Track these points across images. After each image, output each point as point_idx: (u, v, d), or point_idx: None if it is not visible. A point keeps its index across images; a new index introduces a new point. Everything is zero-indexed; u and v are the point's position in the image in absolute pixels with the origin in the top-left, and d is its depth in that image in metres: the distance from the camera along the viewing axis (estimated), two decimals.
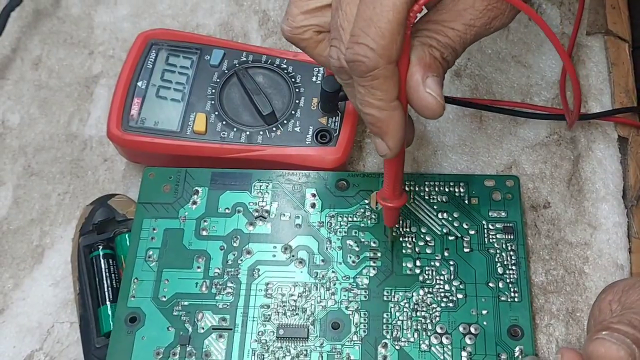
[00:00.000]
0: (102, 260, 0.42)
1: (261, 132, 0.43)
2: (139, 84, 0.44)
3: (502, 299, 0.38)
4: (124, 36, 0.51)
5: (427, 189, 0.42)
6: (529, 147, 0.46)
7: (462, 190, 0.41)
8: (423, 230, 0.40)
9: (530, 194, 0.44)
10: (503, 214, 0.41)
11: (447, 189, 0.42)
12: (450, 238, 0.40)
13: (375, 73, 0.28)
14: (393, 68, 0.28)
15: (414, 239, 0.40)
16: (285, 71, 0.45)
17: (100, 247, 0.42)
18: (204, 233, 0.40)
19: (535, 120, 0.46)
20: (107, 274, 0.41)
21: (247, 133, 0.43)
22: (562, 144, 0.45)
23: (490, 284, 0.39)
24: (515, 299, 0.38)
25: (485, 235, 0.40)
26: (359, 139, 0.46)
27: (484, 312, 0.38)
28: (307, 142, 0.43)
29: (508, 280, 0.39)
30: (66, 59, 0.51)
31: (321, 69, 0.45)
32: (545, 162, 0.45)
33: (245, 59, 0.45)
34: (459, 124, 0.47)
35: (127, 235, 0.42)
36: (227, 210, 0.41)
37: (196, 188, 0.42)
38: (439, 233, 0.40)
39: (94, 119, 0.48)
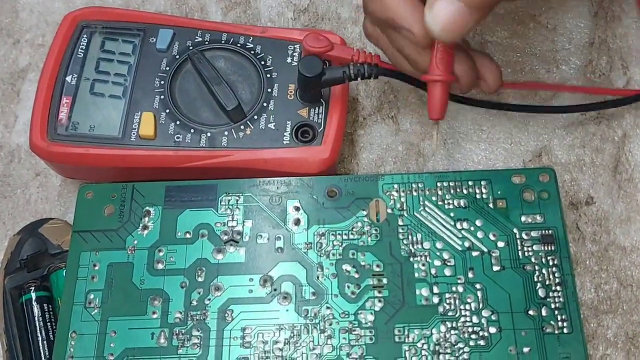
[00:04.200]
0: (34, 306, 0.33)
1: (226, 133, 0.34)
2: (68, 78, 0.35)
3: (548, 330, 0.30)
4: (56, 19, 0.42)
5: (439, 192, 0.33)
6: (561, 128, 0.37)
7: (484, 190, 0.33)
8: (439, 246, 0.31)
9: (568, 188, 0.35)
10: (539, 218, 0.32)
11: (465, 191, 0.33)
12: (475, 254, 0.31)
13: None
14: None
15: (427, 259, 0.31)
16: (252, 52, 0.36)
17: (32, 288, 0.34)
18: (160, 266, 0.32)
19: (566, 94, 0.37)
20: (42, 323, 0.33)
21: (208, 134, 0.34)
22: (603, 122, 0.37)
23: (531, 312, 0.30)
24: (565, 330, 0.30)
25: (519, 248, 0.31)
26: (349, 130, 0.37)
27: (526, 349, 0.29)
28: (285, 142, 0.34)
29: (553, 306, 0.30)
30: None
31: (297, 46, 0.36)
32: (583, 147, 0.36)
33: (200, 39, 0.36)
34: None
35: (65, 271, 0.33)
36: (187, 235, 0.32)
37: (147, 208, 0.33)
38: (460, 248, 0.31)
39: (22, 123, 0.39)
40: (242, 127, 0.34)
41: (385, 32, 0.31)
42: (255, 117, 0.34)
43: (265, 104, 0.35)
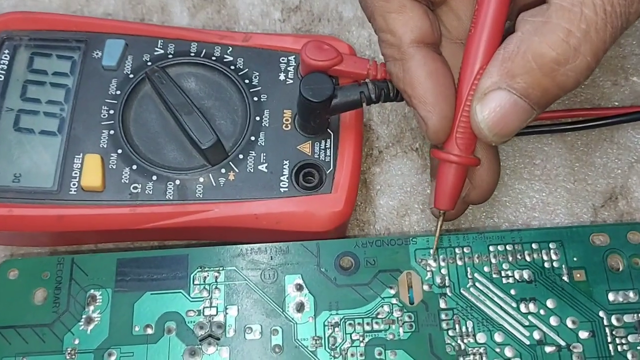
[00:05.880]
0: None
1: (201, 180, 0.25)
2: None
3: None
4: None
5: (493, 260, 0.24)
6: (639, 161, 0.28)
7: (554, 257, 0.24)
8: (498, 340, 0.23)
9: None
10: (632, 295, 0.23)
11: (528, 257, 0.24)
12: (549, 350, 0.23)
13: None
14: (410, 2, 0.22)
15: (484, 357, 0.23)
16: (233, 67, 0.27)
17: None
18: None
19: None
20: None
21: (177, 183, 0.25)
22: None
23: None
24: None
25: (609, 340, 0.23)
26: (361, 168, 0.29)
27: None
28: (282, 190, 0.25)
29: None
30: None
31: (292, 58, 0.27)
32: None
33: (162, 50, 0.27)
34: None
35: None
36: (148, 330, 0.23)
37: (92, 292, 0.24)
38: (528, 342, 0.23)
39: None
40: (223, 170, 0.25)
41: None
42: (241, 156, 0.26)
43: (253, 138, 0.26)
